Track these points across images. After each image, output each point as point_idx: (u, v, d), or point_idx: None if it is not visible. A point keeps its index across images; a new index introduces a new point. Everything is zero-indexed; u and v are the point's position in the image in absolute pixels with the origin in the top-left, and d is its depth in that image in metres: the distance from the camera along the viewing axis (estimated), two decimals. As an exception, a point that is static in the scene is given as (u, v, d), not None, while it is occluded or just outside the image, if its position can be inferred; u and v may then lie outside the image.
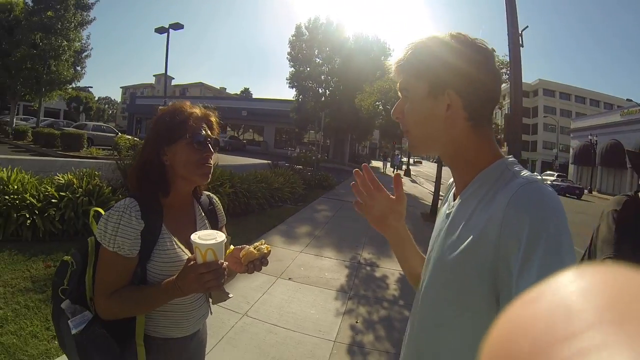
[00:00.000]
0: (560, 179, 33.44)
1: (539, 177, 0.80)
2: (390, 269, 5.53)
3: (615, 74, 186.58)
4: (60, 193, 5.18)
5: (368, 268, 5.56)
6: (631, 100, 35.74)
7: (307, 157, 16.58)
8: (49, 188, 5.24)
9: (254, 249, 1.31)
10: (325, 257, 5.86)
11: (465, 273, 0.80)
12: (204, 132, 1.36)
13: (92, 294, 1.27)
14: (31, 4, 23.65)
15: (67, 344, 1.24)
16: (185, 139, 1.32)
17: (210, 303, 1.52)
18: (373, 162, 46.40)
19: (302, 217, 8.64)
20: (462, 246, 0.81)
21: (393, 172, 36.52)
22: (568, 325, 0.16)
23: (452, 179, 1.05)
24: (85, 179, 5.61)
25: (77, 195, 5.21)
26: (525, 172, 0.81)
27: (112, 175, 6.58)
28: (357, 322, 3.85)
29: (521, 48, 6.79)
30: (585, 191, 33.54)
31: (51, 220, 4.81)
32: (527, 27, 7.37)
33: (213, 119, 1.45)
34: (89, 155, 14.56)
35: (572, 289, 0.18)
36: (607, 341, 0.14)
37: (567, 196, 29.52)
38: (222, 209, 1.63)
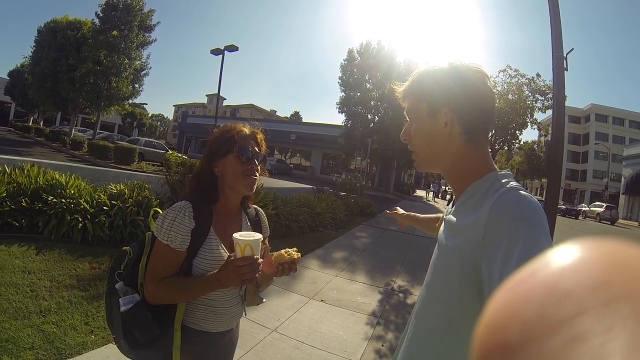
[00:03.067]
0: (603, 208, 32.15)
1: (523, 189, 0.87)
2: (423, 298, 5.46)
3: None
4: (112, 201, 5.49)
5: (401, 295, 5.52)
6: None
7: (352, 183, 16.59)
8: (102, 196, 5.58)
9: (285, 252, 1.44)
10: (359, 282, 5.86)
11: (453, 272, 0.88)
12: (250, 147, 1.53)
13: (143, 280, 1.44)
14: (98, 23, 25.16)
15: (114, 320, 1.40)
16: (234, 152, 1.49)
17: (245, 305, 1.63)
18: (417, 191, 45.79)
19: (341, 242, 8.64)
20: (452, 250, 0.90)
21: (433, 199, 36.13)
22: (559, 309, 0.15)
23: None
24: (135, 190, 5.94)
25: (127, 205, 5.50)
26: (512, 183, 0.89)
27: (160, 189, 6.90)
28: (382, 345, 3.84)
29: (566, 72, 6.66)
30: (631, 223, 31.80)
31: (101, 226, 5.09)
32: (573, 49, 7.18)
33: (260, 136, 1.62)
34: (139, 170, 15.15)
35: (562, 267, 0.17)
36: (600, 326, 0.14)
37: (566, 217, 28.91)
38: (267, 222, 1.77)
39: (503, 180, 0.92)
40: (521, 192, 0.84)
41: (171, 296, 1.39)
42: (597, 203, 37.52)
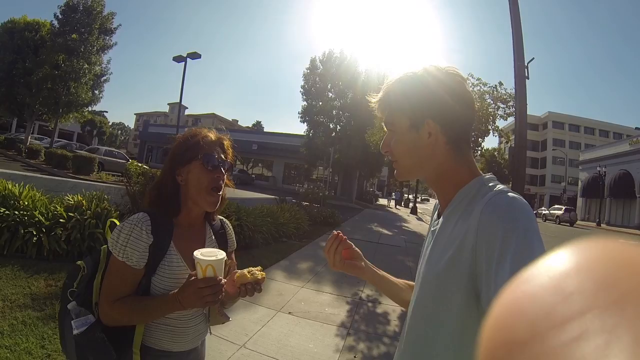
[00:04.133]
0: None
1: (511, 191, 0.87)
2: (392, 305, 5.45)
3: (625, 102, 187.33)
4: (69, 213, 5.21)
5: (369, 304, 5.49)
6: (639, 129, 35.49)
7: (314, 193, 16.63)
8: (58, 207, 5.29)
9: (248, 273, 1.34)
10: (327, 292, 5.81)
11: (449, 282, 0.86)
12: (216, 154, 1.43)
13: (97, 299, 1.33)
14: (57, 25, 24.45)
15: (68, 343, 1.30)
16: (198, 159, 1.39)
17: (210, 324, 1.54)
18: (380, 199, 46.31)
19: (305, 253, 8.60)
20: (445, 258, 0.88)
21: (396, 207, 36.55)
22: (565, 307, 0.16)
23: (437, 200, 1.13)
24: (94, 201, 5.66)
25: (85, 217, 5.23)
26: (499, 186, 0.89)
27: (120, 200, 6.64)
28: (355, 357, 3.79)
29: (527, 80, 6.87)
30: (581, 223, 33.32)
31: (57, 240, 4.83)
32: (533, 58, 7.45)
33: (226, 143, 1.52)
34: (98, 180, 14.70)
35: (567, 267, 0.17)
36: (605, 325, 0.14)
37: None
38: (233, 235, 1.67)
39: (490, 184, 0.91)
40: (509, 194, 0.84)
41: (128, 318, 1.29)
42: (556, 206, 39.13)
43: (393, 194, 45.49)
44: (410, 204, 31.98)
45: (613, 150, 42.28)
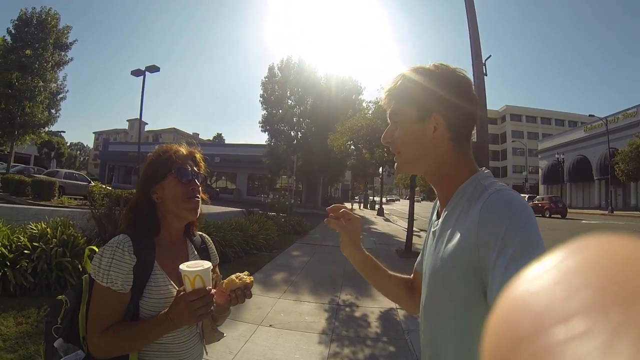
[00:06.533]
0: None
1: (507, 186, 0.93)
2: (369, 307, 5.52)
3: (578, 90, 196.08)
4: (34, 243, 5.00)
5: (347, 309, 5.53)
6: (593, 116, 37.48)
7: (281, 202, 16.59)
8: (21, 238, 5.07)
9: (236, 278, 1.33)
10: (304, 301, 5.83)
11: (456, 281, 0.88)
12: (189, 167, 1.43)
13: (85, 332, 1.28)
14: (10, 41, 23.44)
15: None
16: (172, 174, 1.39)
17: (205, 343, 1.52)
18: (346, 203, 46.68)
19: (278, 263, 8.60)
20: (450, 258, 0.91)
21: (360, 208, 36.72)
22: (568, 304, 0.16)
23: (435, 201, 1.18)
24: (59, 228, 5.46)
25: (51, 246, 5.03)
26: (497, 184, 0.93)
27: (86, 224, 6.44)
28: (341, 363, 3.81)
29: (485, 77, 7.04)
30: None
31: (23, 273, 4.62)
32: (490, 56, 7.64)
33: (198, 155, 1.53)
34: (61, 205, 14.22)
35: (571, 264, 0.17)
36: (608, 322, 0.14)
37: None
38: (214, 249, 1.67)
39: (486, 182, 0.95)
40: (507, 191, 0.88)
41: (120, 347, 1.23)
42: (537, 196, 40.02)
43: (356, 197, 45.99)
44: (377, 206, 32.11)
45: (569, 138, 44.60)
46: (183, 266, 1.20)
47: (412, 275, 1.31)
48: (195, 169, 1.47)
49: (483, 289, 0.82)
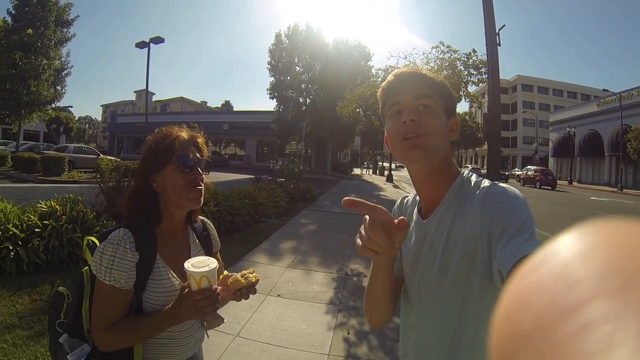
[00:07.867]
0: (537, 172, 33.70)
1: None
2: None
3: (591, 65, 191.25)
4: (44, 221, 5.07)
5: (355, 279, 5.59)
6: (607, 90, 36.63)
7: (290, 169, 16.56)
8: (32, 217, 5.15)
9: (242, 277, 1.33)
10: (313, 271, 5.88)
11: (468, 278, 0.94)
12: (191, 154, 1.37)
13: (89, 325, 1.28)
14: (11, 21, 23.21)
15: None
16: (173, 162, 1.33)
17: (205, 328, 1.52)
18: (355, 169, 46.63)
19: (286, 231, 8.63)
20: (455, 259, 0.96)
21: (369, 174, 36.69)
22: (569, 297, 0.15)
23: (407, 197, 1.31)
24: (68, 205, 5.51)
25: (61, 223, 5.10)
26: (484, 181, 1.02)
27: (95, 199, 6.51)
28: (348, 333, 3.87)
29: (499, 47, 6.87)
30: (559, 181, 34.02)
31: (35, 251, 4.70)
32: (504, 25, 7.44)
33: (200, 140, 1.46)
34: (70, 180, 14.34)
35: (572, 254, 0.17)
36: (611, 314, 0.14)
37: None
38: (216, 234, 1.64)
39: (476, 180, 1.05)
40: (502, 184, 0.97)
41: (126, 341, 1.25)
42: (528, 167, 39.49)
43: (365, 162, 46.04)
44: (386, 172, 32.10)
45: (582, 111, 43.49)
46: (188, 265, 1.18)
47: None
48: (197, 155, 1.40)
49: (491, 278, 0.89)
